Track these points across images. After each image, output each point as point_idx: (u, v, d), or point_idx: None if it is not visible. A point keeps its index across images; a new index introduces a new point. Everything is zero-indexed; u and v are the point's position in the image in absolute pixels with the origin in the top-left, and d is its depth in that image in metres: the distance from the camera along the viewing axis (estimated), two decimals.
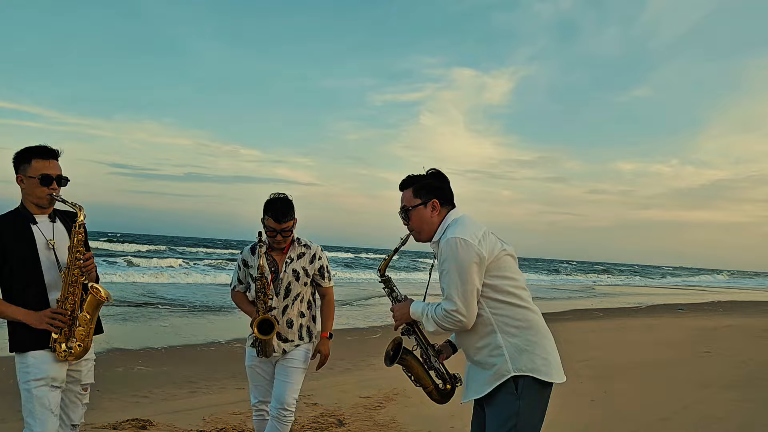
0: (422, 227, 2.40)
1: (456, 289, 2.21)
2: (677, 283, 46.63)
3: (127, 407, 5.02)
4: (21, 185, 2.61)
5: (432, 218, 2.39)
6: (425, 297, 2.53)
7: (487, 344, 2.29)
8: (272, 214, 3.12)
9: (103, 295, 2.58)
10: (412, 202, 2.40)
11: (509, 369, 2.24)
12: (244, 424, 4.55)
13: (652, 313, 15.77)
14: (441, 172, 2.45)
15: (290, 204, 3.18)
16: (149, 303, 13.18)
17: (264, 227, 3.17)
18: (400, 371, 2.65)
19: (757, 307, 20.22)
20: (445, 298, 2.26)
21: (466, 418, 2.70)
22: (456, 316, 2.23)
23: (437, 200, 2.39)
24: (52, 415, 2.50)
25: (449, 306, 2.23)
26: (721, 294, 29.63)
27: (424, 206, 2.38)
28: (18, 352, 2.54)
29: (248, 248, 3.33)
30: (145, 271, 22.00)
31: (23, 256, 2.52)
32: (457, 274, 2.21)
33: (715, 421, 4.96)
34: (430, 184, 2.41)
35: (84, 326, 2.56)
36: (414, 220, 2.40)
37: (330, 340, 3.37)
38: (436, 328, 2.31)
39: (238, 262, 3.36)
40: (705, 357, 8.34)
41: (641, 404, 5.39)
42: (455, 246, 2.21)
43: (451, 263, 2.22)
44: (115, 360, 6.88)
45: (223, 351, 8.05)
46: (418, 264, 40.44)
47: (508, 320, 2.28)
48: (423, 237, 2.42)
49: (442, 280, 2.27)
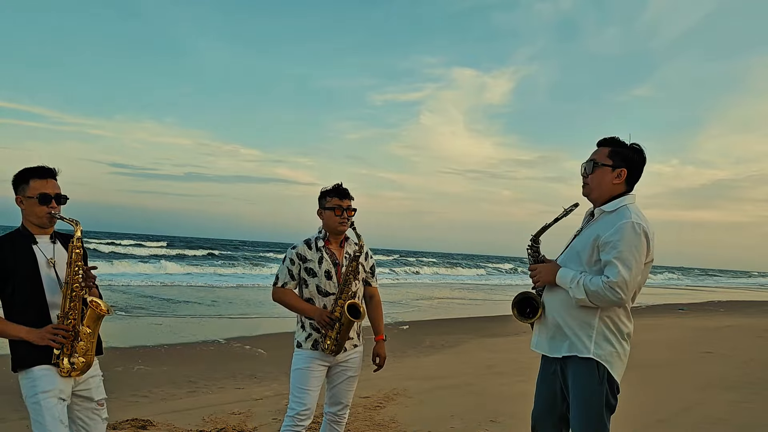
0: (599, 187, 2.42)
1: (626, 266, 2.25)
2: (676, 282, 46.62)
3: (126, 407, 5.01)
4: (20, 206, 2.64)
5: (612, 185, 2.41)
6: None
7: (582, 319, 2.37)
8: (336, 193, 3.13)
9: (103, 308, 2.57)
10: (603, 159, 2.41)
11: (589, 350, 2.35)
12: (243, 424, 4.54)
13: (652, 313, 15.76)
14: (643, 150, 2.46)
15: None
16: (149, 303, 13.18)
17: (326, 213, 3.13)
18: (400, 371, 2.64)
19: (758, 307, 20.21)
20: (607, 270, 2.28)
21: (466, 418, 2.69)
22: (618, 290, 2.24)
23: (626, 171, 2.39)
24: (63, 426, 2.49)
25: (616, 278, 2.24)
26: (722, 294, 29.62)
27: (612, 169, 2.40)
28: (21, 368, 2.53)
29: (303, 242, 3.19)
30: (146, 270, 22.01)
31: (25, 275, 2.54)
32: (632, 256, 2.26)
33: (717, 422, 4.95)
34: (629, 154, 2.42)
35: (85, 340, 2.55)
36: (596, 176, 2.42)
37: (385, 342, 3.33)
38: (585, 298, 2.30)
39: (290, 257, 3.16)
40: (706, 357, 8.33)
41: (641, 405, 5.38)
42: (641, 232, 2.28)
43: (630, 244, 2.26)
44: (115, 360, 6.87)
45: (223, 351, 8.04)
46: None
47: (618, 311, 2.39)
48: (593, 195, 2.45)
49: (607, 252, 2.28)
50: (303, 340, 3.15)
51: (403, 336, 9.81)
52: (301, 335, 3.16)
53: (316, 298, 3.13)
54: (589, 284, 2.28)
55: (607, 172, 2.39)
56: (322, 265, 3.12)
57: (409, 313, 13.62)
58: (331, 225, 3.14)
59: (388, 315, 13.12)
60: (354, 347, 3.21)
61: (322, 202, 3.17)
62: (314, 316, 3.08)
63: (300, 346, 3.16)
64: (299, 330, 3.19)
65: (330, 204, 3.13)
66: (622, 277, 2.23)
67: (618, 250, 2.26)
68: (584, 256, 2.37)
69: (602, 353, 2.35)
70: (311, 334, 3.12)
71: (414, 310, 14.84)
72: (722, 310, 18.44)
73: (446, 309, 15.90)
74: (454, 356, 8.19)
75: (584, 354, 2.35)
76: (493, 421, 4.66)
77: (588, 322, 2.35)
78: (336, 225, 3.12)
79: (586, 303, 2.31)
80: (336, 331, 3.04)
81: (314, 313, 3.08)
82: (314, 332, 3.12)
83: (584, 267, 2.37)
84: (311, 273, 3.13)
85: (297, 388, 3.11)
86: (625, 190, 2.42)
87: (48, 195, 2.59)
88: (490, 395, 5.70)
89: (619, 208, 2.37)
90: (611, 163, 2.39)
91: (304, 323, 3.16)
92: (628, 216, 2.30)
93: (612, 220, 2.33)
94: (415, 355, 8.05)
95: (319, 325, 3.07)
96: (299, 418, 3.06)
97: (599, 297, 2.27)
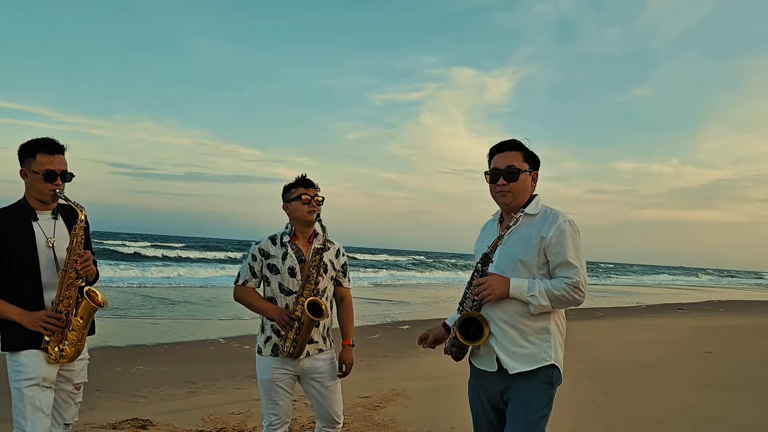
0: (522, 192, 2.39)
1: (581, 264, 2.25)
2: (676, 282, 46.61)
3: (126, 407, 5.01)
4: (24, 179, 2.56)
5: (529, 188, 2.41)
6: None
7: (540, 326, 2.31)
8: (300, 183, 2.98)
9: (99, 300, 2.55)
10: (522, 165, 2.39)
11: (550, 356, 2.31)
12: (243, 424, 4.54)
13: (652, 313, 15.76)
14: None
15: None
16: (149, 302, 13.17)
17: (293, 204, 2.96)
18: (400, 371, 2.62)
19: (757, 307, 20.21)
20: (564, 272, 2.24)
21: (466, 418, 2.69)
22: (582, 288, 2.24)
23: (537, 173, 2.42)
24: (43, 415, 2.48)
25: (578, 277, 2.23)
26: (722, 294, 29.62)
27: (529, 173, 2.40)
28: (9, 351, 2.51)
29: (267, 238, 3.01)
30: (146, 270, 22.00)
31: (22, 252, 2.49)
32: (581, 253, 2.27)
33: (716, 421, 4.95)
34: (534, 156, 2.43)
35: (77, 331, 2.53)
36: (519, 182, 2.38)
37: (353, 348, 3.10)
38: (548, 304, 2.24)
39: (253, 253, 2.99)
40: (706, 357, 8.33)
41: (641, 405, 5.38)
42: (577, 229, 2.30)
43: (576, 242, 2.27)
44: (115, 360, 6.87)
45: (223, 351, 8.04)
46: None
47: (561, 312, 2.38)
48: (516, 201, 2.40)
49: (557, 253, 2.25)
50: (263, 345, 2.96)
51: (403, 336, 9.80)
52: (261, 339, 2.98)
53: (278, 297, 2.93)
54: (552, 289, 2.23)
55: (526, 176, 2.38)
56: (286, 262, 2.93)
57: (409, 313, 13.62)
58: (299, 215, 2.94)
59: (387, 315, 13.12)
60: (319, 351, 2.96)
61: (287, 196, 3.00)
62: (274, 316, 2.88)
63: (260, 352, 2.97)
64: (259, 333, 3.00)
65: (295, 194, 2.95)
66: (582, 275, 2.24)
67: (569, 249, 2.24)
68: (530, 262, 2.29)
69: (558, 357, 2.34)
70: (270, 338, 2.93)
71: (414, 309, 14.84)
72: (722, 309, 18.44)
73: (446, 309, 15.88)
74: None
75: (547, 362, 2.29)
76: None
77: (545, 328, 2.31)
78: (305, 214, 2.92)
79: (548, 309, 2.26)
80: (294, 331, 2.83)
81: (274, 312, 2.88)
82: (274, 335, 2.92)
83: (531, 273, 2.30)
84: (273, 270, 2.93)
85: (266, 399, 2.97)
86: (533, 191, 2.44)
87: (54, 172, 2.51)
88: None
89: (542, 209, 2.36)
90: (528, 167, 2.39)
91: (264, 325, 2.98)
92: (562, 215, 2.31)
93: (543, 221, 2.31)
94: (415, 355, 8.05)
95: (279, 326, 2.87)
96: (273, 427, 3.00)
97: (564, 300, 2.24)
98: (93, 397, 5.07)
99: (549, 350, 2.30)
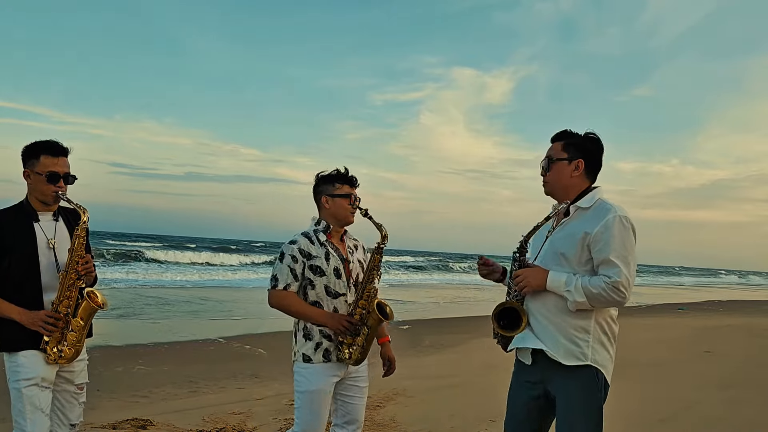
0: (558, 182, 2.32)
1: (625, 263, 2.14)
2: (677, 283, 46.61)
3: (126, 407, 5.01)
4: (27, 180, 2.57)
5: (572, 177, 2.31)
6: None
7: (578, 324, 2.23)
8: (346, 180, 2.77)
9: (99, 301, 2.55)
10: (558, 154, 2.33)
11: (587, 356, 2.22)
12: (243, 424, 4.54)
13: (652, 313, 15.75)
14: (599, 138, 2.36)
15: None
16: (149, 302, 13.18)
17: (337, 201, 2.75)
18: (400, 371, 2.62)
19: (758, 307, 20.22)
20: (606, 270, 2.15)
21: (466, 418, 2.69)
22: (622, 289, 2.12)
23: (583, 161, 2.31)
24: (43, 415, 2.48)
25: (619, 277, 2.11)
26: (722, 293, 29.62)
27: (568, 162, 2.31)
28: (8, 351, 2.51)
29: (301, 236, 2.75)
30: (145, 270, 22.00)
31: (22, 253, 2.50)
32: (628, 252, 2.16)
33: (717, 421, 4.95)
34: (583, 144, 2.33)
35: (77, 332, 2.53)
36: (553, 172, 2.33)
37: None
38: (585, 301, 2.16)
39: (292, 254, 2.69)
40: (706, 357, 8.33)
41: (641, 405, 5.37)
42: (629, 226, 2.18)
43: (623, 239, 2.16)
44: (115, 359, 6.87)
45: (224, 350, 8.04)
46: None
47: (609, 313, 2.28)
48: (555, 192, 2.34)
49: (601, 250, 2.16)
50: (311, 353, 2.68)
51: (403, 336, 9.80)
52: (308, 347, 2.70)
53: (325, 300, 2.71)
54: (590, 286, 2.14)
55: (563, 165, 2.30)
56: (330, 262, 2.71)
57: (409, 313, 13.61)
58: (341, 215, 2.76)
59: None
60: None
61: (329, 189, 2.77)
62: (327, 322, 2.66)
63: (309, 360, 2.68)
64: (302, 341, 2.72)
65: (341, 191, 2.75)
66: (625, 275, 2.12)
67: (613, 247, 2.13)
68: (572, 257, 2.22)
69: (599, 359, 2.23)
70: (321, 344, 2.68)
71: (414, 309, 14.83)
72: (722, 309, 18.44)
73: (446, 308, 15.89)
74: (454, 356, 8.19)
75: (582, 361, 2.22)
76: (493, 421, 4.65)
77: (584, 327, 2.22)
78: (347, 215, 2.76)
79: (585, 306, 2.17)
80: (363, 337, 2.67)
81: (327, 318, 2.67)
82: (325, 340, 2.69)
83: (573, 268, 2.23)
84: (318, 272, 2.69)
85: (309, 411, 2.68)
86: (590, 183, 2.34)
87: (57, 174, 2.53)
88: (490, 395, 5.69)
89: (597, 203, 2.26)
90: (566, 156, 2.31)
91: (309, 332, 2.71)
92: (613, 210, 2.19)
93: (594, 216, 2.21)
94: (415, 354, 8.06)
95: (338, 333, 2.67)
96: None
97: (602, 299, 2.14)
98: (93, 397, 5.07)
99: (587, 350, 2.21)
